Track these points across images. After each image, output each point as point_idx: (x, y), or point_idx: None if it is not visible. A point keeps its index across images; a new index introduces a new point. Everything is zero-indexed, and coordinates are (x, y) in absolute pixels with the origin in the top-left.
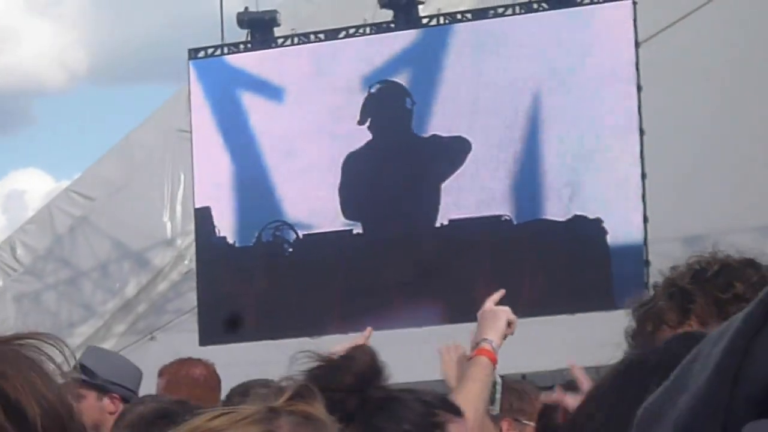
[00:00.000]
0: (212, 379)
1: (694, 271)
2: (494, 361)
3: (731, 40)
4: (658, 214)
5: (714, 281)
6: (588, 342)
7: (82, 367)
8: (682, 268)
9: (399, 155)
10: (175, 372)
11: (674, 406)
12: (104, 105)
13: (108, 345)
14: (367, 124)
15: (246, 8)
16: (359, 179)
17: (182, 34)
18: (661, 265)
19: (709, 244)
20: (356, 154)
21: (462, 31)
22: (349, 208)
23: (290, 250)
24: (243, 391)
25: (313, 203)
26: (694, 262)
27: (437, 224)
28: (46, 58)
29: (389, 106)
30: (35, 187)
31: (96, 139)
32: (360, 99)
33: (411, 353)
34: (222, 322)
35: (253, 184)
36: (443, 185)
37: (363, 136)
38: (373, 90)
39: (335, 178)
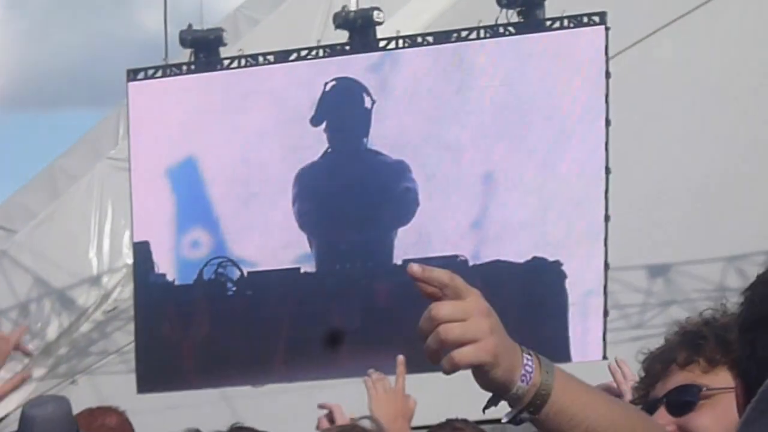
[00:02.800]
0: (126, 427)
1: (705, 319)
2: None
3: (702, 61)
4: (623, 242)
5: (724, 326)
6: None
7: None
8: (695, 319)
9: (353, 177)
10: (87, 423)
11: None
12: (19, 131)
13: (27, 390)
14: (323, 126)
15: (189, 26)
16: (313, 194)
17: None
18: (625, 299)
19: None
20: (311, 168)
21: (423, 55)
22: (305, 221)
23: (234, 289)
24: None
25: (259, 237)
26: (706, 314)
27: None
28: None
29: (346, 106)
30: None
31: (13, 167)
32: (310, 127)
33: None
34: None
35: (195, 215)
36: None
37: (314, 161)
38: (327, 88)
39: (283, 211)
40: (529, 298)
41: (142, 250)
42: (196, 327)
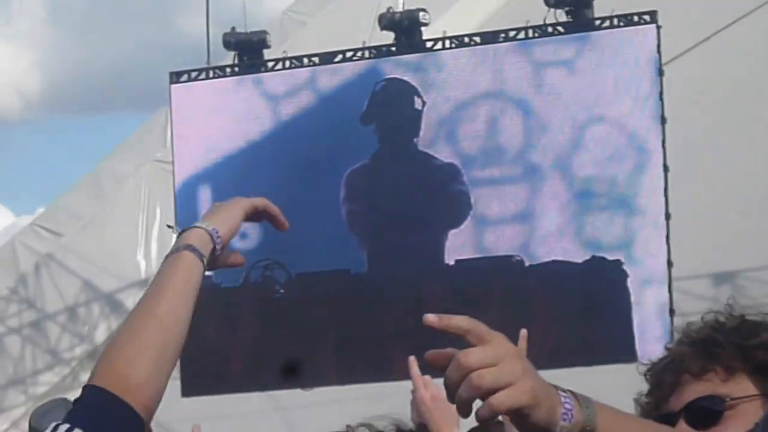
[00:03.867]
0: None
1: (712, 324)
2: None
3: (754, 66)
4: (684, 250)
5: (736, 331)
6: (606, 399)
7: (31, 429)
8: (698, 325)
9: (404, 178)
10: None
11: None
12: (62, 134)
13: (74, 395)
14: (372, 127)
15: (233, 28)
16: (363, 195)
17: (146, 60)
18: (687, 306)
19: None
20: (361, 169)
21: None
22: (356, 222)
23: (282, 291)
24: None
25: (307, 239)
26: (710, 319)
27: (445, 263)
28: (1, 83)
29: (397, 107)
30: None
31: (59, 170)
32: (358, 128)
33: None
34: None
35: None
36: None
37: (364, 163)
38: (377, 88)
39: (332, 212)
40: (590, 297)
41: None
42: (244, 329)
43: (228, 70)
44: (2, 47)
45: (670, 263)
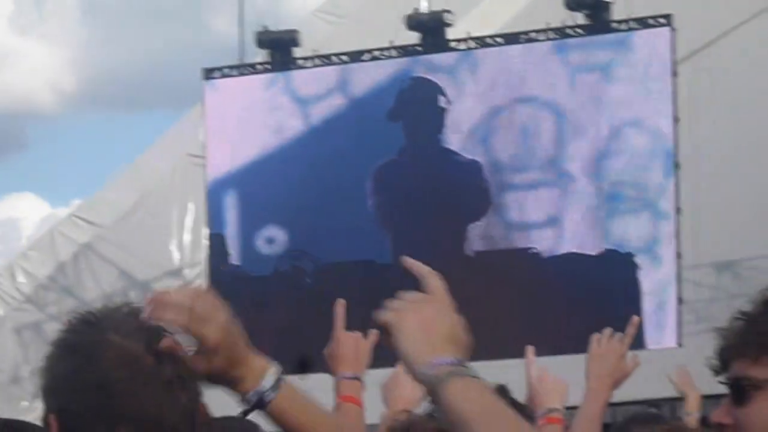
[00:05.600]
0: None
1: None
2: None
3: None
4: (692, 241)
5: None
6: None
7: None
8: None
9: (429, 174)
10: None
11: None
12: (99, 129)
13: None
14: (399, 124)
15: (265, 27)
16: (390, 189)
17: (177, 59)
18: (695, 294)
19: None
20: (388, 165)
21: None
22: (382, 214)
23: (309, 280)
24: None
25: (335, 230)
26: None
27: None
28: (37, 80)
29: (422, 105)
30: (30, 213)
31: (92, 164)
32: (385, 125)
33: None
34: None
35: (270, 209)
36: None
37: (392, 158)
38: (405, 86)
39: (359, 204)
40: (603, 287)
41: (217, 243)
42: (273, 316)
43: (259, 67)
44: (39, 46)
45: (679, 255)
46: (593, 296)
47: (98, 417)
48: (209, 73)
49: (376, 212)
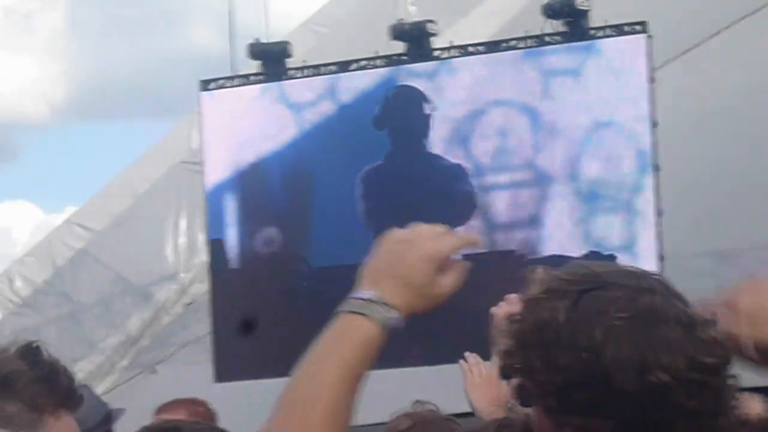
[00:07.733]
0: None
1: None
2: None
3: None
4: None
5: None
6: None
7: None
8: None
9: (414, 178)
10: (175, 411)
11: None
12: (88, 138)
13: (110, 380)
14: (385, 131)
15: (257, 39)
16: (377, 193)
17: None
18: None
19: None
20: (375, 170)
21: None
22: (370, 218)
23: (304, 283)
24: None
25: (327, 235)
26: None
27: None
28: (28, 92)
29: (407, 112)
30: (24, 220)
31: (84, 172)
32: (371, 132)
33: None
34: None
35: (265, 214)
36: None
37: (378, 164)
38: (390, 95)
39: (349, 209)
40: None
41: (216, 248)
42: (273, 317)
43: (252, 78)
44: (29, 58)
45: (661, 257)
46: None
47: None
48: (206, 84)
49: (365, 217)
